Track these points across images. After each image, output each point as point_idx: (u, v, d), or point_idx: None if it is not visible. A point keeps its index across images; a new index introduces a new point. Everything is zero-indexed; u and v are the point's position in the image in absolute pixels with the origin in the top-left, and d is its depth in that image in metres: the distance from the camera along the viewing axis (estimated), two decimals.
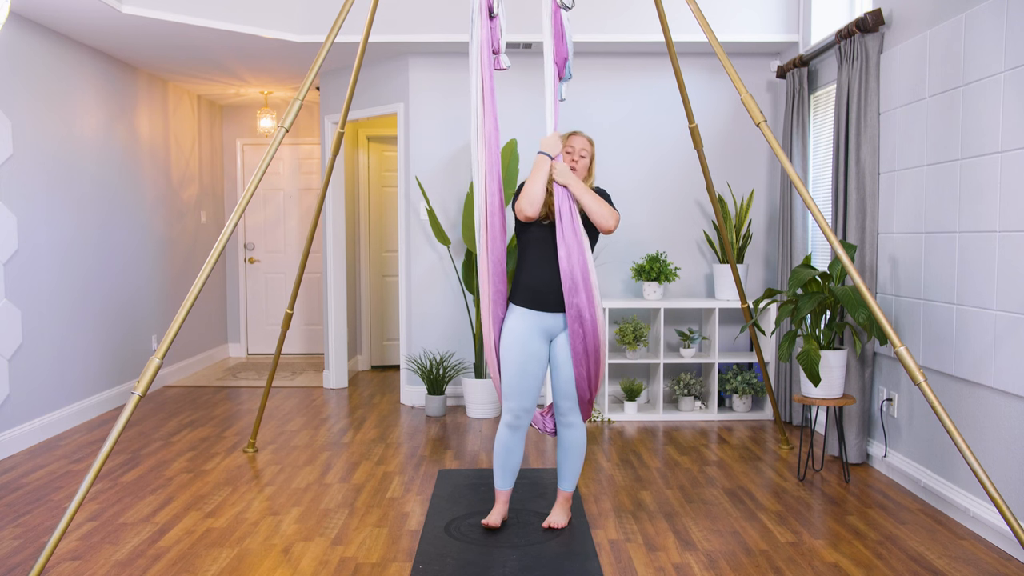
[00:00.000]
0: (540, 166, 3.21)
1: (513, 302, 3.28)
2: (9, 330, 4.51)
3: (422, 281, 5.82)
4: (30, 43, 4.77)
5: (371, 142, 7.29)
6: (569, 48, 3.33)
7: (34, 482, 4.02)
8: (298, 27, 5.25)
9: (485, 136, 3.24)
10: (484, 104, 3.24)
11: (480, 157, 3.25)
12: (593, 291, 3.17)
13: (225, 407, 5.75)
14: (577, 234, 3.15)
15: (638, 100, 5.72)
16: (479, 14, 3.24)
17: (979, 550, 3.16)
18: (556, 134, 3.27)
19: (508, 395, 3.25)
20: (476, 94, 3.26)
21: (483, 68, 3.24)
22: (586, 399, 3.30)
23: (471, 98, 3.27)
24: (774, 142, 3.28)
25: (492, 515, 3.37)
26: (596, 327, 3.18)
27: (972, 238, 3.37)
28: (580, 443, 3.35)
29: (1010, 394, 3.14)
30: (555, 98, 3.32)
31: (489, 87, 3.24)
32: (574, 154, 3.30)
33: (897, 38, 4.00)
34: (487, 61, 3.25)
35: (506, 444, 3.30)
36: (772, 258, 5.69)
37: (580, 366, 3.21)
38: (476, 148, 3.27)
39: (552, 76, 3.30)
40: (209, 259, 3.09)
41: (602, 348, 3.24)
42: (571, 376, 3.24)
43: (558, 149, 3.23)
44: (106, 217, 5.67)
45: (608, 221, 3.20)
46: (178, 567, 3.01)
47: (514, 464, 3.34)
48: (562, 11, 3.29)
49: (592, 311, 3.16)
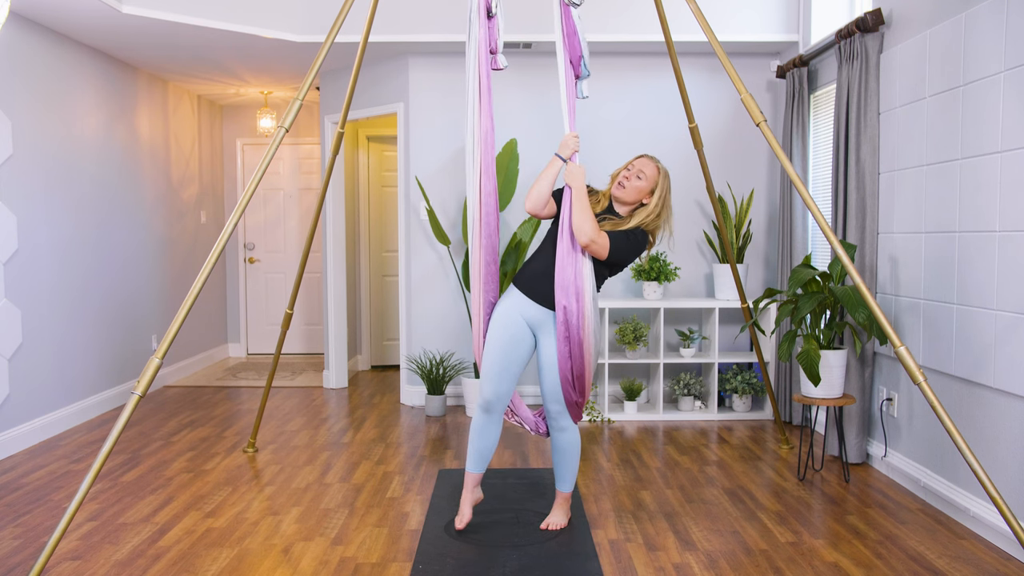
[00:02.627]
0: (550, 166, 3.20)
1: (513, 283, 3.28)
2: (9, 330, 4.51)
3: (422, 281, 5.82)
4: (30, 43, 4.77)
5: (371, 142, 7.29)
6: (582, 45, 3.30)
7: (34, 482, 4.02)
8: (298, 27, 5.25)
9: (481, 135, 3.23)
10: (480, 104, 3.23)
11: (476, 156, 3.25)
12: (584, 297, 3.11)
13: (225, 407, 5.75)
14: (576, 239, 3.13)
15: (638, 100, 5.72)
16: (477, 14, 3.24)
17: (979, 550, 3.16)
18: (571, 134, 3.23)
19: (486, 377, 3.22)
20: (473, 94, 3.25)
21: (480, 68, 3.23)
22: (573, 401, 3.24)
23: (467, 97, 3.27)
24: (774, 142, 3.28)
25: (461, 511, 3.34)
26: (582, 332, 3.12)
27: (972, 238, 3.37)
28: (573, 445, 3.32)
29: (1010, 394, 3.14)
30: (571, 98, 3.27)
31: (486, 87, 3.24)
32: (633, 171, 3.23)
33: (897, 38, 4.00)
34: (484, 61, 3.25)
35: (479, 427, 3.27)
36: (772, 258, 5.69)
37: (564, 367, 3.16)
38: (471, 147, 3.26)
39: (567, 75, 3.26)
40: (209, 259, 3.09)
41: (588, 353, 3.16)
42: (557, 377, 3.21)
43: (569, 151, 3.20)
44: (106, 217, 5.66)
45: (581, 234, 3.05)
46: (178, 567, 3.01)
47: (485, 448, 3.29)
48: (572, 8, 3.27)
49: (580, 317, 3.11)
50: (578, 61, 3.30)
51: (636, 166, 3.23)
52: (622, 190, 3.23)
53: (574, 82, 3.33)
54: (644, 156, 3.26)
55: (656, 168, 3.25)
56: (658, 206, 3.25)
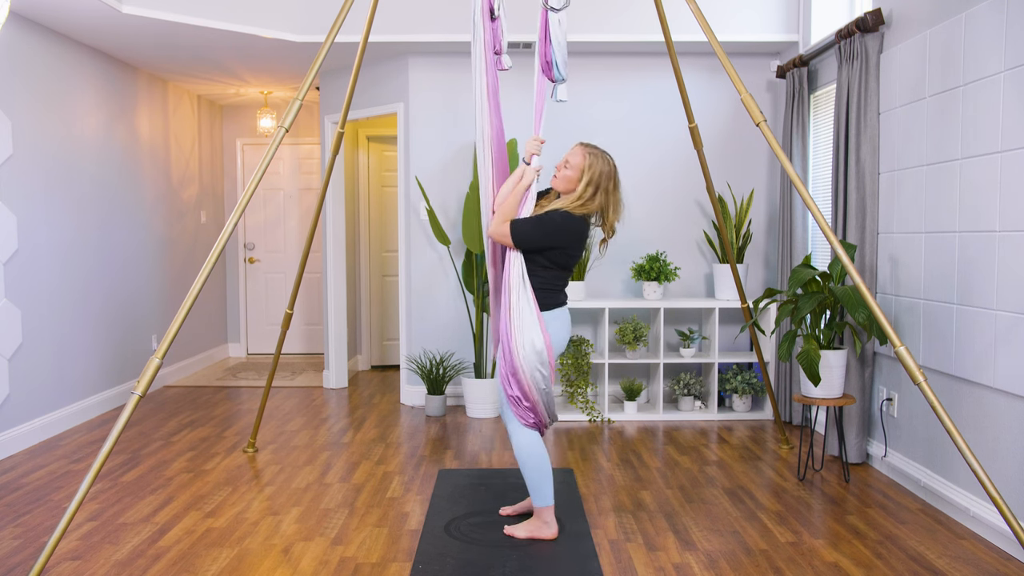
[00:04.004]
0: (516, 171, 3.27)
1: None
2: (9, 330, 4.51)
3: (422, 281, 5.82)
4: (30, 43, 4.77)
5: (371, 142, 7.29)
6: (554, 49, 3.29)
7: (34, 482, 4.02)
8: (298, 27, 5.25)
9: (493, 135, 3.25)
10: (489, 104, 3.25)
11: (487, 158, 3.27)
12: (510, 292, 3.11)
13: (225, 407, 5.75)
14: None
15: (638, 100, 5.72)
16: (480, 16, 3.25)
17: (979, 550, 3.16)
18: (534, 137, 3.25)
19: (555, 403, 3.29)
20: (480, 96, 3.26)
21: (487, 69, 3.26)
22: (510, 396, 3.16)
23: (475, 99, 3.28)
24: (774, 142, 3.28)
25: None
26: (509, 340, 3.11)
27: (972, 238, 3.37)
28: (519, 453, 3.21)
29: (1010, 394, 3.14)
30: (539, 100, 3.30)
31: (493, 88, 3.26)
32: (562, 161, 3.24)
33: (897, 38, 4.00)
34: (490, 62, 3.27)
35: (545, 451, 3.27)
36: (772, 258, 5.69)
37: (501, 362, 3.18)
38: (482, 149, 3.27)
39: (538, 78, 3.31)
40: (209, 259, 3.09)
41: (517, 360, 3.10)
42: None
43: (528, 153, 3.21)
44: (106, 217, 5.67)
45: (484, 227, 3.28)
46: (178, 567, 3.01)
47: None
48: (549, 12, 3.29)
49: (507, 310, 3.12)
50: (546, 66, 3.31)
51: (565, 156, 3.22)
52: (556, 180, 3.25)
53: (545, 86, 3.35)
54: (577, 144, 3.23)
55: (583, 155, 3.18)
56: (587, 191, 3.16)
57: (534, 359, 3.11)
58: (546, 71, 3.34)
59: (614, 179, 3.21)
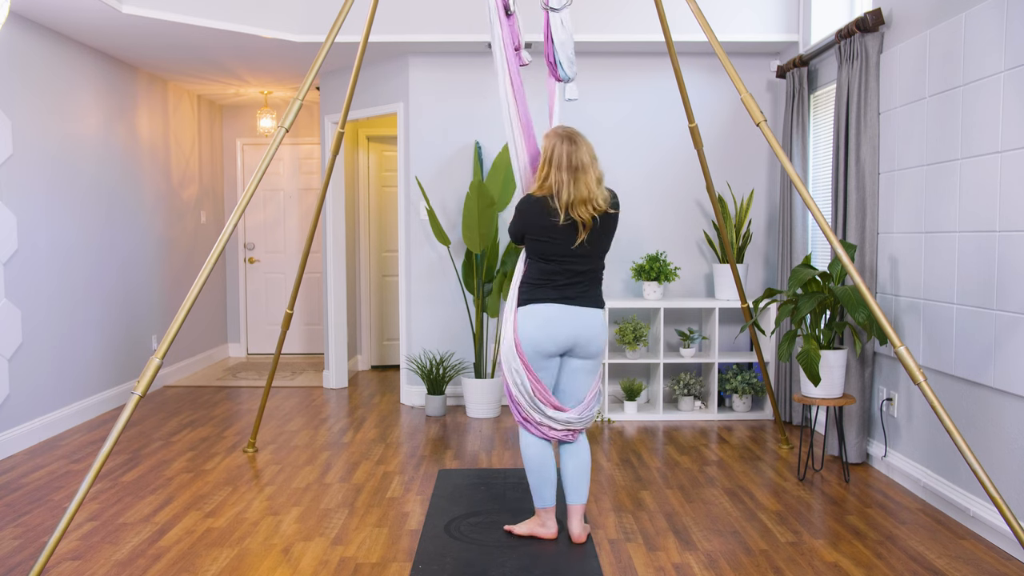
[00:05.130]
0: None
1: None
2: (9, 330, 4.51)
3: (422, 281, 5.81)
4: (30, 43, 4.77)
5: (371, 142, 7.29)
6: (556, 49, 3.31)
7: (34, 482, 4.02)
8: (298, 27, 5.25)
9: (523, 127, 3.26)
10: (516, 99, 3.27)
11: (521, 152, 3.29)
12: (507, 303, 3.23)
13: (225, 407, 5.75)
14: None
15: (638, 100, 5.72)
16: (496, 13, 3.27)
17: (979, 550, 3.16)
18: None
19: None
20: (505, 92, 3.28)
21: (509, 65, 3.28)
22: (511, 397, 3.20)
23: (500, 97, 3.31)
24: (774, 142, 3.28)
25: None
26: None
27: (972, 238, 3.37)
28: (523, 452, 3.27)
29: (1010, 394, 3.14)
30: (552, 100, 3.35)
31: (518, 83, 3.28)
32: None
33: (897, 38, 4.00)
34: (512, 58, 3.29)
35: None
36: (772, 258, 5.69)
37: None
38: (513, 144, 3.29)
39: (548, 78, 3.37)
40: (209, 259, 3.09)
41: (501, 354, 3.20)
42: None
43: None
44: (106, 217, 5.67)
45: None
46: (178, 567, 3.01)
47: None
48: (549, 12, 3.31)
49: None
50: (552, 66, 3.34)
51: None
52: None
53: (555, 85, 3.38)
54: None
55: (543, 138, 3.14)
56: (541, 171, 3.10)
57: (509, 355, 3.14)
58: (552, 71, 3.36)
59: (568, 157, 3.03)
